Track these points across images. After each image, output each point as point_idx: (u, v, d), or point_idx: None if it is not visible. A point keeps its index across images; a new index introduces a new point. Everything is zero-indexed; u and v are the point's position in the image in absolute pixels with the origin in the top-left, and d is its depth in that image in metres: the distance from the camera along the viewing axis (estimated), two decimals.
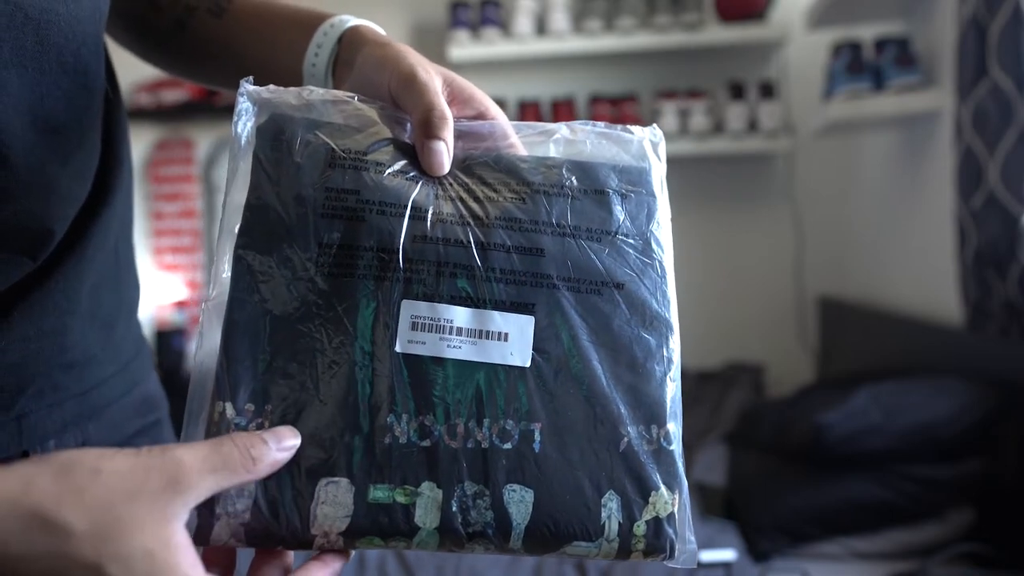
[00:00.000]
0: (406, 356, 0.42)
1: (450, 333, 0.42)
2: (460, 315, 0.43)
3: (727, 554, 1.37)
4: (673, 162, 2.86)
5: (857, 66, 1.94)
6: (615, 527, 0.42)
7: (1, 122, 0.42)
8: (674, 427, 0.44)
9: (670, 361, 0.45)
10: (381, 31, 0.55)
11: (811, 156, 2.68)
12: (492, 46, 2.61)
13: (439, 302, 0.43)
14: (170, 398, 0.66)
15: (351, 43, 0.53)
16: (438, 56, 2.70)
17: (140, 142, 3.07)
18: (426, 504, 0.40)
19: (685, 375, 2.48)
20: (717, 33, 2.56)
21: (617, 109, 2.67)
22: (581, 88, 2.79)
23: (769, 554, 1.41)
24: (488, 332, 0.43)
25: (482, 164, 0.47)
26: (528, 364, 0.43)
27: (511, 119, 0.49)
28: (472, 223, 0.44)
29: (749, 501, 1.53)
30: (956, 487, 1.38)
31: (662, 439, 0.44)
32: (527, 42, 2.60)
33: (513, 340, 0.43)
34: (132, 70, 0.68)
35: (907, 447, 1.39)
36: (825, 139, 2.57)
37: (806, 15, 2.21)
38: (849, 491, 1.41)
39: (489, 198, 0.45)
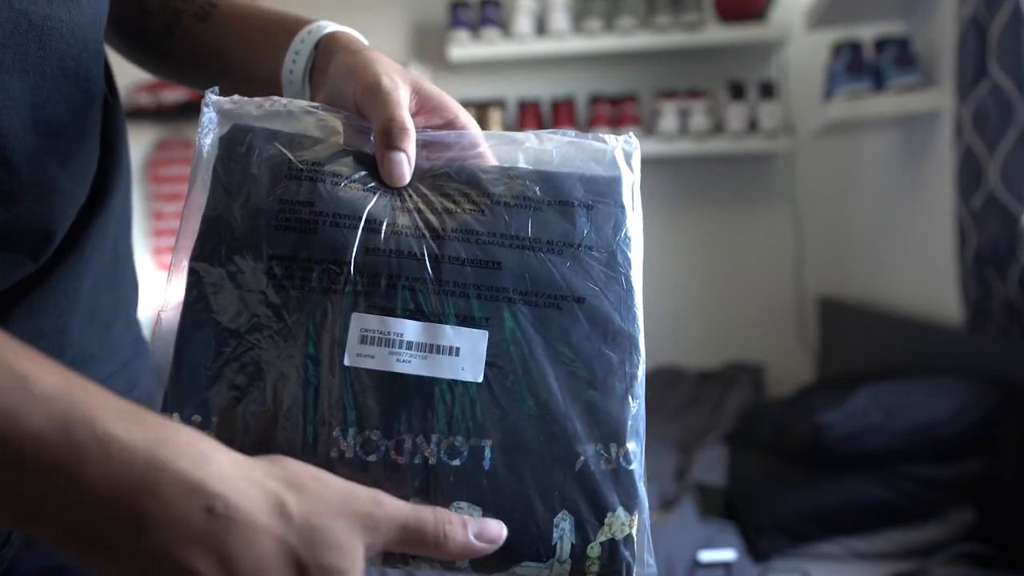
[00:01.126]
0: (354, 370, 0.41)
1: (400, 347, 0.41)
2: (411, 329, 0.42)
3: (727, 554, 1.36)
4: (673, 162, 2.87)
5: (857, 66, 1.93)
6: (567, 548, 0.41)
7: (3, 126, 0.42)
8: (635, 446, 0.43)
9: (632, 378, 0.43)
10: (360, 37, 0.54)
11: (811, 156, 2.67)
12: (492, 46, 2.61)
13: (390, 316, 0.42)
14: None
15: (327, 49, 0.52)
16: (438, 56, 2.70)
17: (140, 142, 3.07)
18: None
19: (685, 375, 2.48)
20: (717, 33, 2.56)
21: (617, 109, 2.66)
22: (581, 88, 2.78)
23: (769, 554, 1.40)
24: (439, 347, 0.42)
25: (443, 175, 0.46)
26: (480, 379, 0.42)
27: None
28: (427, 235, 0.43)
29: (749, 501, 1.53)
30: (956, 487, 1.38)
31: (621, 458, 0.42)
32: (527, 42, 2.60)
33: (465, 355, 0.42)
34: (132, 70, 0.68)
35: (907, 447, 1.39)
36: (825, 139, 2.56)
37: (806, 15, 2.21)
38: (849, 491, 1.41)
39: (448, 210, 0.44)
